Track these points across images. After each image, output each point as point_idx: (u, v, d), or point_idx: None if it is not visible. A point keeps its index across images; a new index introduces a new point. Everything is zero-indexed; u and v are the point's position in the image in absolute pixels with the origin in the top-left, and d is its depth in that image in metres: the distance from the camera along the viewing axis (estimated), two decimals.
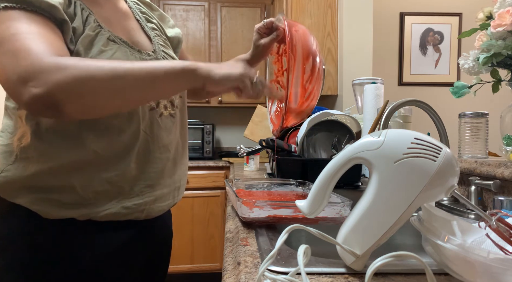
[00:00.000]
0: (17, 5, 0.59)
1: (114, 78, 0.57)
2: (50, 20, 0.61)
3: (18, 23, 0.58)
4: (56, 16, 0.62)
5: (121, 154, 0.70)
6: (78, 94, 0.56)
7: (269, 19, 0.88)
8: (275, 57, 0.95)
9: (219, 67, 0.66)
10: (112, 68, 0.57)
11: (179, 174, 0.84)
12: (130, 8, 0.85)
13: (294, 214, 0.69)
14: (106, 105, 0.60)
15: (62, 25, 0.63)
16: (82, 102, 0.57)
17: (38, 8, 0.60)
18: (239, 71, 0.65)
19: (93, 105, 0.59)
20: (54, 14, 0.61)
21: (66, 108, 0.55)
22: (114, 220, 0.72)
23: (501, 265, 0.36)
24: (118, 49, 0.70)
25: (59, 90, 0.54)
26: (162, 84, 0.62)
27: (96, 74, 0.56)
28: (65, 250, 0.69)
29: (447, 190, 0.45)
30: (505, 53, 0.85)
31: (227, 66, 0.66)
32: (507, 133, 0.89)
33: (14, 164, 0.68)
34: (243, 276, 0.47)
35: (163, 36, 0.90)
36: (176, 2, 3.02)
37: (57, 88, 0.53)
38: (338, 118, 1.32)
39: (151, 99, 0.70)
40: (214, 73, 0.64)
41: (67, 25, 0.63)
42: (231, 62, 0.69)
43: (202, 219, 2.67)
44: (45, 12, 0.61)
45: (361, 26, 2.27)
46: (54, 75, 0.53)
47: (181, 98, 0.84)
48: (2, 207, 0.69)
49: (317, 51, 0.77)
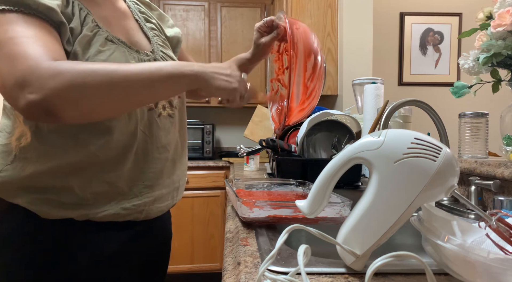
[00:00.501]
0: (14, 8, 0.59)
1: (111, 84, 0.57)
2: (48, 22, 0.61)
3: (16, 27, 0.57)
4: (54, 18, 0.62)
5: (119, 154, 0.70)
6: (74, 100, 0.56)
7: (269, 18, 0.88)
8: (276, 55, 0.95)
9: (216, 77, 0.65)
10: (109, 73, 0.57)
11: (178, 174, 0.84)
12: (129, 8, 0.84)
13: (294, 214, 0.69)
14: (102, 110, 0.60)
15: (59, 27, 0.63)
16: (79, 108, 0.57)
17: (36, 11, 0.60)
18: (233, 86, 0.65)
19: (90, 110, 0.59)
20: (52, 17, 0.61)
21: (62, 114, 0.56)
22: (113, 221, 0.72)
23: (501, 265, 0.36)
24: (116, 49, 0.70)
25: (55, 97, 0.54)
26: (160, 88, 0.63)
27: (93, 80, 0.56)
28: (64, 250, 0.69)
29: (447, 190, 0.45)
30: (505, 53, 0.85)
31: (225, 78, 0.66)
32: (507, 133, 0.89)
33: (12, 164, 0.68)
34: (243, 276, 0.47)
35: (162, 36, 0.90)
36: (176, 2, 3.02)
37: (53, 94, 0.54)
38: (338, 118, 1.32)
39: (149, 102, 0.69)
40: (211, 83, 0.64)
41: (65, 27, 0.63)
42: (228, 69, 0.67)
43: (202, 219, 2.67)
44: (43, 15, 0.60)
45: (361, 26, 2.27)
46: (50, 81, 0.53)
47: (180, 98, 0.84)
48: (1, 207, 0.69)
49: (319, 49, 0.77)
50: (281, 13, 0.83)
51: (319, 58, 0.77)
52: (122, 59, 0.69)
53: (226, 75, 0.65)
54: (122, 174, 0.71)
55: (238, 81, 0.65)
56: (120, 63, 0.61)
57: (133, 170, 0.72)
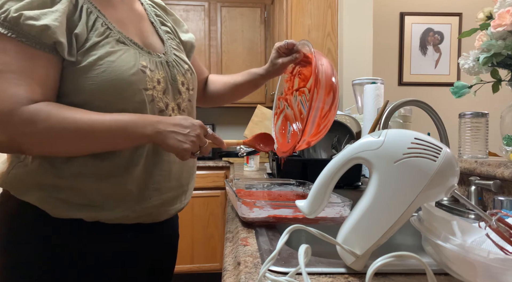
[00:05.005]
0: (8, 33, 0.60)
1: (77, 138, 0.64)
2: (40, 49, 0.62)
3: (5, 57, 0.61)
4: (47, 41, 0.62)
5: (130, 156, 0.71)
6: (41, 146, 0.63)
7: (290, 41, 0.90)
8: (288, 76, 0.97)
9: (171, 137, 0.67)
10: (77, 129, 0.63)
11: (186, 178, 0.84)
12: (145, 11, 0.86)
13: (294, 214, 0.69)
14: (66, 154, 0.67)
15: (54, 47, 0.63)
16: (45, 151, 0.65)
17: (28, 36, 0.61)
18: (184, 147, 0.67)
19: (54, 152, 0.66)
20: (44, 40, 0.62)
21: (29, 153, 0.66)
22: (122, 223, 0.72)
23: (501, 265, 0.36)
24: (127, 51, 0.70)
25: (24, 143, 0.62)
26: (121, 144, 0.68)
27: (61, 134, 0.62)
28: (72, 250, 0.69)
29: (447, 190, 0.45)
30: (505, 53, 0.85)
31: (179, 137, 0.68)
32: (507, 133, 0.89)
33: (24, 161, 0.69)
34: (243, 276, 0.47)
35: (177, 40, 0.91)
36: (176, 2, 3.02)
37: (22, 140, 0.61)
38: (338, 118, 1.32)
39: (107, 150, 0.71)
40: (165, 142, 0.68)
41: (61, 46, 0.63)
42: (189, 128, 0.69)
43: (202, 219, 2.67)
44: (35, 41, 0.61)
45: (361, 26, 2.27)
46: (22, 128, 0.60)
47: (190, 102, 0.85)
48: (12, 205, 0.70)
49: (337, 83, 0.80)
50: (308, 43, 0.85)
51: (337, 96, 0.79)
52: (132, 60, 0.70)
53: (183, 135, 0.68)
54: (132, 177, 0.71)
55: (192, 141, 0.68)
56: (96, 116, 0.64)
57: (143, 172, 0.73)
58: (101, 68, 0.66)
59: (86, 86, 0.66)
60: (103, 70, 0.66)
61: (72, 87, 0.66)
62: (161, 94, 0.75)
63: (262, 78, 0.98)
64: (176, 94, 0.79)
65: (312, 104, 0.75)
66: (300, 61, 0.91)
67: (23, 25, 0.59)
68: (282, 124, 0.98)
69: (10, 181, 0.70)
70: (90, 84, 0.66)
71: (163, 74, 0.76)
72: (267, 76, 0.97)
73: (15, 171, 0.69)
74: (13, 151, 0.66)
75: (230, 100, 1.10)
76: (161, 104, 0.75)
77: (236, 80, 1.03)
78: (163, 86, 0.75)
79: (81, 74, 0.66)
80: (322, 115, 0.78)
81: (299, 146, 0.82)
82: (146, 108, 0.71)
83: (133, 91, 0.69)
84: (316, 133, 0.80)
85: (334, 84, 0.78)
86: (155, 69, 0.74)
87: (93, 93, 0.66)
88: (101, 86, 0.66)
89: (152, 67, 0.74)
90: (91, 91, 0.66)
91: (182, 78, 0.81)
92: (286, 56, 0.92)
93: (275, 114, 0.99)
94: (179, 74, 0.81)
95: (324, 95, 0.76)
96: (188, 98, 0.84)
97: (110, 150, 0.69)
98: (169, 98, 0.77)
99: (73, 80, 0.66)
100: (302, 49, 0.90)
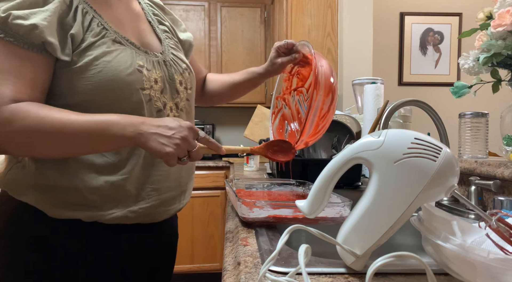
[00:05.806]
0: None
1: (55, 139, 0.62)
2: (28, 49, 0.61)
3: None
4: (35, 40, 0.61)
5: (128, 156, 0.71)
6: (18, 145, 0.62)
7: (290, 41, 0.90)
8: (287, 75, 0.98)
9: (153, 139, 0.63)
10: (56, 129, 0.60)
11: (185, 178, 0.84)
12: (143, 10, 0.85)
13: (294, 214, 0.69)
14: (43, 155, 0.66)
15: (43, 46, 0.62)
16: (25, 152, 0.65)
17: (16, 36, 0.60)
18: (166, 151, 0.62)
19: (37, 154, 0.65)
20: (32, 39, 0.61)
21: (9, 153, 0.68)
22: (121, 223, 0.72)
23: (501, 265, 0.36)
24: (124, 51, 0.70)
25: (1, 141, 0.61)
26: (101, 147, 0.66)
27: (39, 134, 0.60)
28: (71, 250, 0.69)
29: (447, 190, 0.45)
30: (505, 53, 0.85)
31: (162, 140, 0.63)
32: (507, 133, 0.89)
33: (21, 162, 0.69)
34: (243, 276, 0.47)
35: (175, 39, 0.90)
36: (176, 2, 3.02)
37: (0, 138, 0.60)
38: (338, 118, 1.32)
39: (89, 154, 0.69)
40: (147, 145, 0.63)
41: (51, 46, 0.62)
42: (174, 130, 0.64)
43: (202, 219, 2.67)
44: (23, 41, 0.60)
45: (361, 26, 2.27)
46: (1, 127, 0.59)
47: (188, 101, 0.84)
48: (10, 206, 0.70)
49: (336, 84, 0.80)
50: (308, 44, 0.86)
51: (335, 97, 0.80)
52: (128, 60, 0.70)
53: (166, 137, 0.63)
54: (130, 177, 0.71)
55: (175, 144, 0.63)
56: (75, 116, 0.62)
57: (141, 173, 0.73)
58: (97, 68, 0.65)
59: (82, 86, 0.65)
60: (99, 70, 0.66)
61: (67, 88, 0.66)
62: (159, 94, 0.74)
63: (261, 77, 0.98)
64: (174, 93, 0.79)
65: (311, 104, 0.75)
66: (299, 62, 0.92)
67: (12, 24, 0.59)
68: (279, 123, 0.98)
69: (8, 181, 0.69)
70: (86, 85, 0.65)
71: (161, 74, 0.76)
72: (266, 75, 0.97)
73: (13, 171, 0.69)
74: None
75: (229, 99, 1.10)
76: (159, 104, 0.74)
77: (234, 79, 1.03)
78: (160, 85, 0.75)
79: (77, 74, 0.65)
80: (321, 116, 0.78)
81: (297, 145, 0.82)
82: (144, 108, 0.71)
83: (130, 91, 0.69)
84: (315, 133, 0.81)
85: (333, 86, 0.79)
86: (152, 68, 0.74)
87: (89, 94, 0.66)
88: (97, 86, 0.66)
89: (149, 66, 0.73)
90: (87, 92, 0.66)
91: (180, 78, 0.81)
92: (285, 56, 0.92)
93: (273, 113, 1.00)
94: (177, 73, 0.81)
95: (324, 96, 0.77)
96: (186, 98, 0.83)
97: (93, 152, 0.67)
98: (167, 97, 0.77)
99: (68, 80, 0.66)
100: (301, 49, 0.90)
